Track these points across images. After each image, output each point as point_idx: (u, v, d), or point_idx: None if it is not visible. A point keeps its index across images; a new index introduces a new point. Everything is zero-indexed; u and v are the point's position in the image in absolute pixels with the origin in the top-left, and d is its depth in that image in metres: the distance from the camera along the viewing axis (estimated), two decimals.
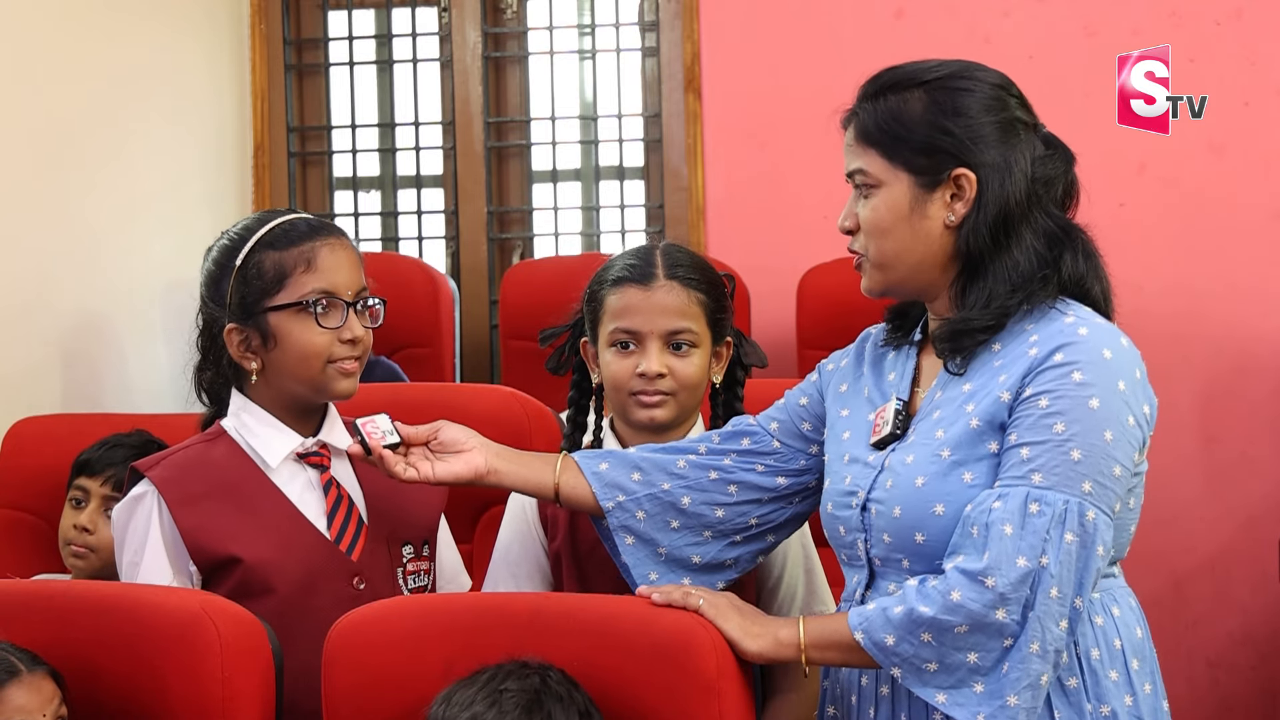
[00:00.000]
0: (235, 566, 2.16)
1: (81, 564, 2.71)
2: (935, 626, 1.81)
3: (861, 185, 1.97)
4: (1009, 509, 1.81)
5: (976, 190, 1.92)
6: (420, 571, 2.30)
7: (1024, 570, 1.79)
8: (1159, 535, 4.05)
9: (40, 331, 3.50)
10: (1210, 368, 4.06)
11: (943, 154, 1.92)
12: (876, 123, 1.95)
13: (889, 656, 1.85)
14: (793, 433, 2.17)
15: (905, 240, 1.95)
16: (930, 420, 1.96)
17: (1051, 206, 1.96)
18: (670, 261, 2.31)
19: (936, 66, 1.96)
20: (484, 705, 1.81)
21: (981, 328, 1.92)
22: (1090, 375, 1.84)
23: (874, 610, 1.86)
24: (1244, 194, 4.03)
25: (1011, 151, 1.93)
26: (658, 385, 2.27)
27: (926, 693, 1.84)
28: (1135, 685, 1.93)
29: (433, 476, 2.14)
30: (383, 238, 4.69)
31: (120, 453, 2.72)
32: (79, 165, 3.68)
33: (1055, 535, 1.80)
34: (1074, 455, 1.82)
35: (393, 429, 2.14)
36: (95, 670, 2.00)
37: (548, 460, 2.19)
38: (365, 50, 4.67)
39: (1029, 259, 1.92)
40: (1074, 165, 2.00)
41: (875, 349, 2.12)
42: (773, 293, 4.10)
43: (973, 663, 1.81)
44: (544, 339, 2.46)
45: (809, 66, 4.21)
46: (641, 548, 2.14)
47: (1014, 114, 1.95)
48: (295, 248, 2.22)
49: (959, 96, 1.93)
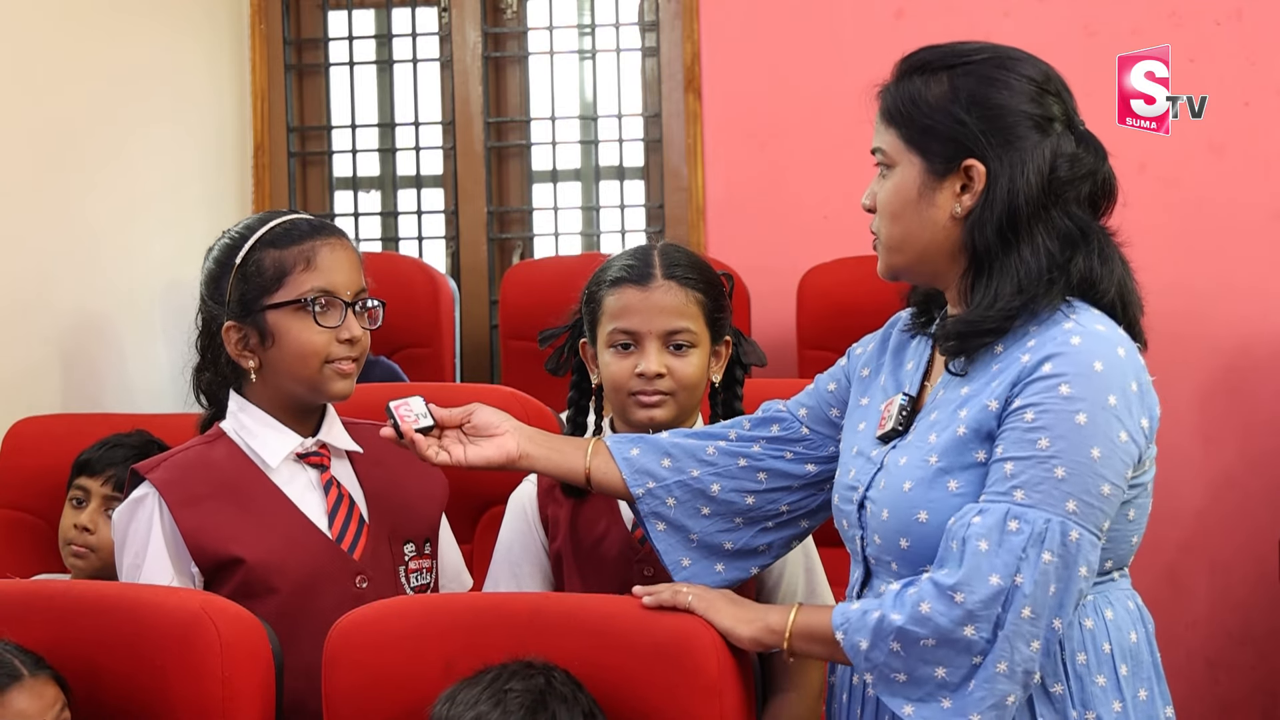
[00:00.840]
0: (237, 567, 2.16)
1: (81, 564, 2.71)
2: (903, 637, 1.79)
3: (881, 164, 1.95)
4: (987, 525, 1.77)
5: (985, 184, 1.87)
6: (422, 570, 2.30)
7: (995, 588, 1.75)
8: (1159, 535, 4.04)
9: (40, 331, 3.50)
10: (1210, 368, 4.06)
11: (954, 142, 1.87)
12: (898, 101, 1.92)
13: (862, 661, 1.83)
14: (822, 419, 2.15)
15: (912, 225, 1.91)
16: (928, 421, 1.93)
17: (1074, 206, 1.90)
18: (668, 261, 2.31)
19: (974, 51, 1.92)
20: (488, 705, 1.81)
21: (986, 329, 1.87)
22: (1078, 389, 1.79)
23: (856, 611, 1.84)
24: (1244, 194, 4.03)
25: (1030, 148, 1.87)
26: (657, 385, 2.27)
27: (895, 703, 1.82)
28: (1125, 691, 1.88)
29: (464, 460, 2.12)
30: (383, 238, 4.69)
31: (120, 452, 2.72)
32: (79, 165, 3.68)
33: (1032, 555, 1.75)
34: (1058, 473, 1.77)
35: (426, 412, 2.13)
36: (96, 670, 2.00)
37: (579, 445, 2.18)
38: (365, 50, 4.67)
39: (1038, 260, 1.86)
40: (1105, 162, 1.95)
41: (900, 335, 2.09)
42: (773, 293, 4.10)
43: (940, 678, 1.78)
44: (543, 340, 2.46)
45: (809, 66, 4.21)
46: (673, 534, 2.13)
47: (1042, 109, 1.90)
48: (295, 246, 2.22)
49: (984, 86, 1.88)
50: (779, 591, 2.35)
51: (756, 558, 2.15)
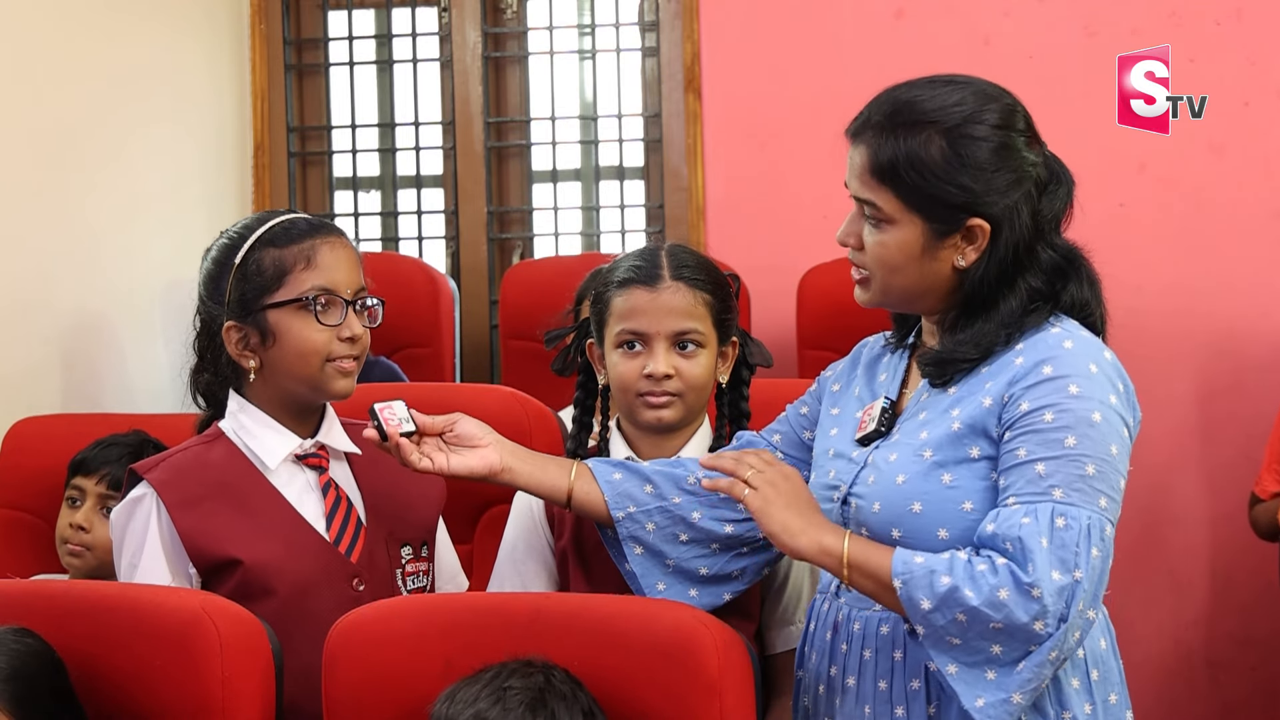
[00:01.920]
0: (235, 568, 2.16)
1: (78, 562, 2.72)
2: (974, 614, 1.81)
3: (872, 217, 1.97)
4: (1041, 524, 1.82)
5: (989, 239, 1.93)
6: (419, 572, 2.30)
7: (1059, 584, 1.80)
8: (1159, 535, 4.05)
9: (40, 331, 3.50)
10: (1210, 368, 4.06)
11: (959, 208, 1.92)
12: (893, 162, 1.93)
13: (919, 617, 1.84)
14: (796, 443, 2.19)
15: (914, 277, 1.96)
16: (916, 421, 1.98)
17: (1054, 236, 1.97)
18: (676, 262, 2.32)
19: (954, 106, 1.93)
20: (488, 703, 1.81)
21: (965, 359, 1.95)
22: (1086, 389, 1.86)
23: (920, 566, 1.84)
24: (1244, 194, 4.03)
25: (1021, 195, 1.93)
26: (665, 386, 2.27)
27: (941, 660, 1.84)
28: (1095, 695, 1.96)
29: (447, 468, 2.13)
30: (383, 238, 4.69)
31: (115, 451, 2.73)
32: (79, 165, 3.68)
33: (1084, 550, 1.81)
34: (1089, 470, 1.84)
35: (409, 416, 2.12)
36: (95, 670, 2.00)
37: (563, 465, 2.19)
38: (365, 50, 4.66)
39: (1022, 300, 1.94)
40: (1073, 189, 2.00)
41: (872, 352, 2.15)
42: (773, 293, 4.09)
43: (995, 653, 1.82)
44: (549, 340, 2.47)
45: (809, 66, 4.21)
46: (650, 559, 2.16)
47: (1022, 155, 1.94)
48: (295, 245, 2.22)
49: (976, 147, 1.92)
50: (784, 593, 2.35)
51: (730, 583, 2.18)
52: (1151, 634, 4.05)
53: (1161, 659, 4.07)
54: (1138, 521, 3.86)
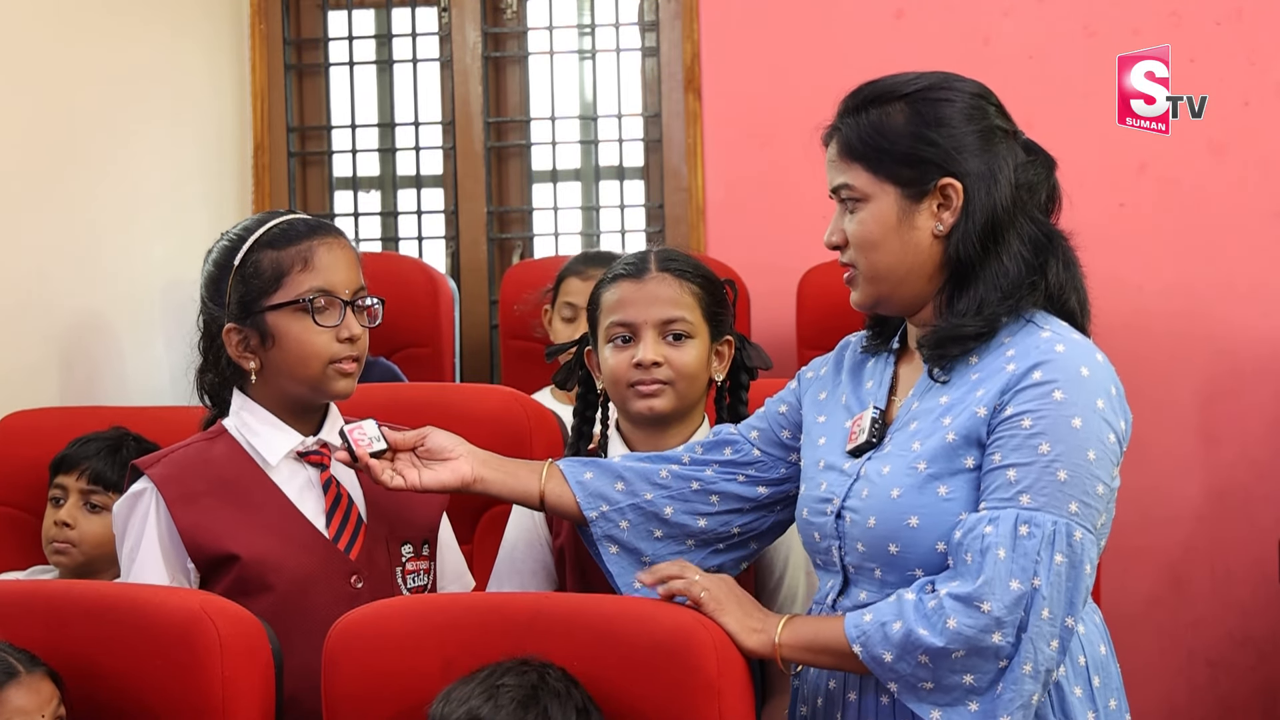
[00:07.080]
0: (232, 564, 2.16)
1: (64, 560, 2.71)
2: (932, 652, 1.82)
3: (848, 200, 1.98)
4: (1001, 533, 1.81)
5: (964, 199, 1.92)
6: (420, 571, 2.30)
7: (1017, 593, 1.79)
8: (1159, 535, 4.05)
9: (39, 330, 3.50)
10: (1210, 368, 4.06)
11: (928, 164, 1.93)
12: (860, 136, 1.96)
13: (886, 672, 1.85)
14: (772, 440, 2.19)
15: (895, 251, 1.96)
16: (907, 431, 1.97)
17: (1035, 212, 1.97)
18: (663, 257, 2.36)
19: (915, 79, 1.97)
20: (480, 700, 1.82)
21: (972, 334, 1.93)
22: (1070, 394, 1.85)
23: (871, 624, 1.86)
24: (1244, 194, 4.03)
25: (995, 159, 1.93)
26: (654, 374, 2.28)
27: (922, 709, 1.85)
28: (1098, 702, 1.95)
29: (419, 484, 2.14)
30: (383, 238, 4.69)
31: (94, 447, 2.73)
32: (79, 164, 3.68)
33: (1045, 557, 1.80)
34: (1060, 475, 1.83)
35: (379, 435, 2.14)
36: (95, 670, 2.00)
37: (533, 469, 2.19)
38: (365, 50, 4.66)
39: (1017, 266, 1.93)
40: (1055, 170, 2.00)
41: (854, 356, 2.14)
42: (773, 293, 4.09)
43: (969, 684, 1.82)
44: (550, 354, 2.49)
45: (809, 66, 4.21)
46: (626, 556, 2.16)
47: (994, 122, 1.96)
48: (293, 247, 2.22)
49: (940, 107, 1.94)
50: (779, 593, 2.35)
51: None
52: (1151, 634, 4.05)
53: (1162, 659, 4.07)
54: (1138, 522, 3.85)
